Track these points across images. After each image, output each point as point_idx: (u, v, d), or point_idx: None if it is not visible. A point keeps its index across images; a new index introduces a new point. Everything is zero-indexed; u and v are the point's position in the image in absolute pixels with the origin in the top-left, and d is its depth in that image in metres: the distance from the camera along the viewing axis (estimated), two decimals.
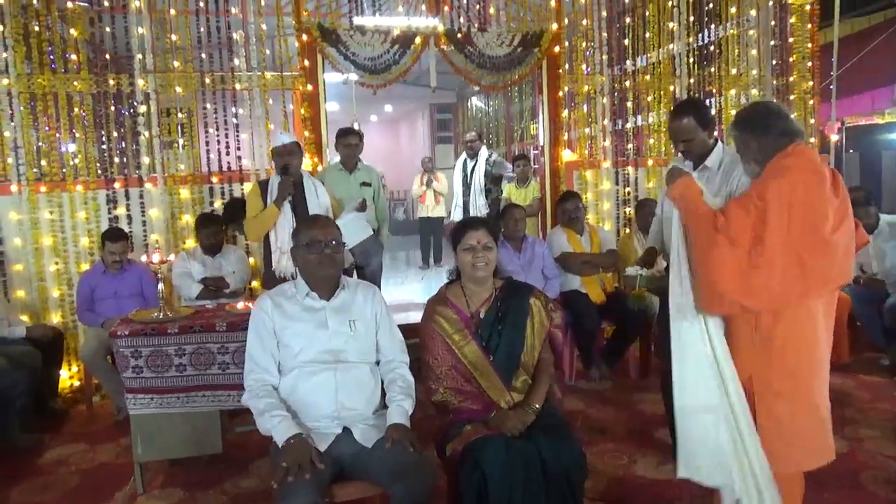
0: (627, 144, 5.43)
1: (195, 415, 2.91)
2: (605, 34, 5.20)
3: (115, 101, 4.49)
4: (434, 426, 2.47)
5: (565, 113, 5.22)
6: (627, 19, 5.32)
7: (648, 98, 5.40)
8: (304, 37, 4.58)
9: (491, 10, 5.00)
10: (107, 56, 4.55)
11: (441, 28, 4.80)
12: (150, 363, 2.85)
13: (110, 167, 4.50)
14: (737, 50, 5.58)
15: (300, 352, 2.24)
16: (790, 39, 5.58)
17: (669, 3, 5.29)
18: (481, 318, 2.43)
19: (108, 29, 4.56)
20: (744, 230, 1.95)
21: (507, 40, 4.91)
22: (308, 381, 2.22)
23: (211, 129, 4.64)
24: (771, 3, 5.50)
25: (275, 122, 4.73)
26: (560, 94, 5.15)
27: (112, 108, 4.48)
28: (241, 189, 4.60)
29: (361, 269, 4.38)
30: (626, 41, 5.30)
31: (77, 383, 4.36)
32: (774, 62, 5.58)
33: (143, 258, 3.42)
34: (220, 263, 4.20)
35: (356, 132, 4.65)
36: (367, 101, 10.50)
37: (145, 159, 4.48)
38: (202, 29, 4.52)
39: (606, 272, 4.49)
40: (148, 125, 4.45)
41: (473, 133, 6.72)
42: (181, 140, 4.77)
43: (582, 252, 4.40)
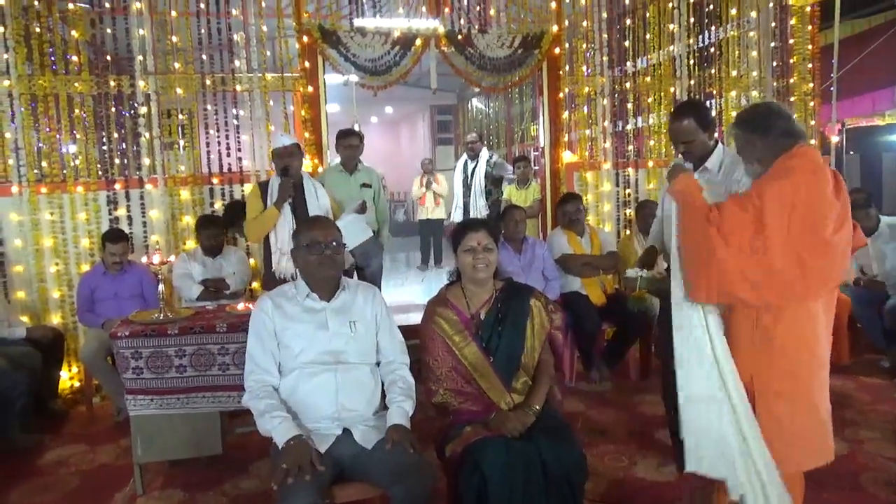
0: (628, 146, 5.44)
1: (195, 416, 2.91)
2: (605, 36, 5.20)
3: (116, 103, 4.50)
4: (434, 427, 2.47)
5: (566, 114, 5.22)
6: (628, 21, 5.32)
7: (649, 100, 5.40)
8: (305, 38, 4.58)
9: (491, 12, 5.00)
10: (108, 57, 4.56)
11: (441, 30, 4.80)
12: (151, 364, 2.85)
13: (111, 168, 4.51)
14: (737, 51, 5.59)
15: (300, 353, 2.23)
16: (790, 41, 5.59)
17: (670, 4, 5.30)
18: (481, 319, 2.43)
19: (108, 30, 4.59)
20: (738, 225, 1.96)
21: (508, 42, 4.91)
22: (308, 382, 2.22)
23: (211, 131, 4.65)
24: (771, 4, 5.51)
25: (275, 123, 4.74)
26: (560, 95, 5.15)
27: (113, 109, 4.48)
28: (242, 190, 4.60)
29: (362, 271, 4.38)
30: (626, 43, 5.31)
31: (77, 384, 4.37)
32: (775, 64, 5.58)
33: (143, 259, 3.42)
34: (220, 265, 4.21)
35: (356, 133, 4.65)
36: (368, 103, 10.50)
37: (146, 160, 4.49)
38: (203, 30, 4.53)
39: (607, 274, 4.49)
40: (148, 126, 4.46)
41: (474, 134, 6.72)
42: (182, 141, 4.78)
43: (582, 254, 4.40)
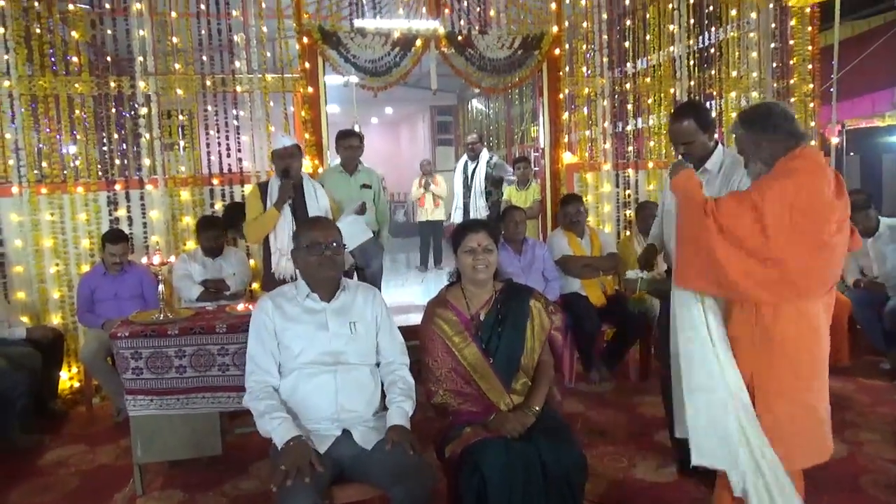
0: (628, 147, 5.44)
1: (195, 416, 2.91)
2: (605, 37, 5.20)
3: (116, 103, 4.50)
4: (434, 428, 2.47)
5: (566, 115, 5.22)
6: (628, 22, 5.33)
7: (649, 100, 5.40)
8: (305, 39, 4.58)
9: (491, 13, 5.00)
10: (108, 58, 4.57)
11: (441, 30, 4.80)
12: (150, 365, 2.85)
13: (111, 169, 4.51)
14: (737, 52, 5.59)
15: (300, 353, 2.23)
16: (790, 42, 5.59)
17: (670, 5, 5.30)
18: (481, 320, 2.43)
19: (109, 31, 4.59)
20: (736, 218, 1.98)
21: (508, 43, 4.91)
22: (308, 382, 2.21)
23: (212, 132, 4.65)
24: (771, 5, 5.51)
25: (275, 124, 4.74)
26: (560, 96, 5.15)
27: (113, 110, 4.49)
28: (242, 191, 4.60)
29: (362, 271, 4.38)
30: (626, 44, 5.31)
31: (77, 385, 4.37)
32: (775, 65, 5.59)
33: (143, 260, 3.42)
34: (220, 265, 4.21)
35: (357, 134, 4.65)
36: (368, 104, 10.50)
37: (146, 161, 4.49)
38: (203, 31, 4.53)
39: (607, 275, 4.49)
40: (149, 127, 4.46)
41: (475, 135, 6.72)
42: (182, 142, 4.79)
43: (582, 255, 4.40)
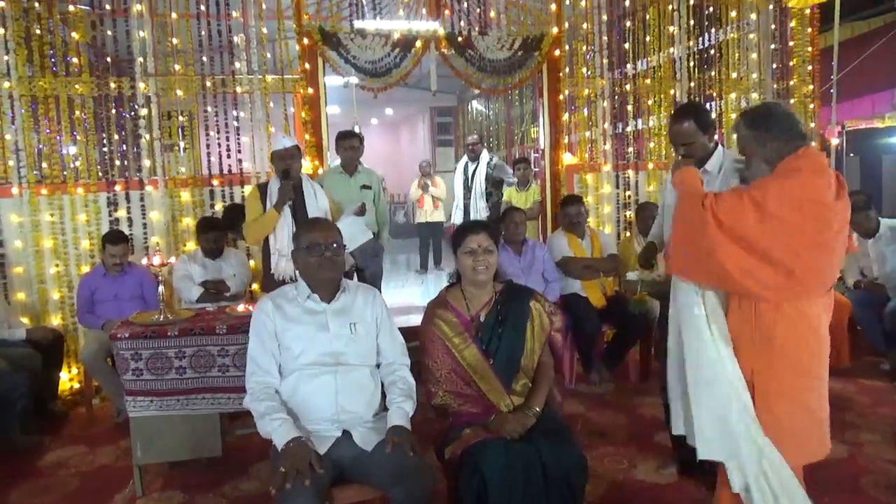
0: (628, 148, 5.44)
1: (195, 417, 2.91)
2: (605, 38, 5.21)
3: (116, 104, 4.50)
4: (434, 429, 2.47)
5: (566, 116, 5.22)
6: (628, 23, 5.33)
7: (649, 102, 5.40)
8: (305, 40, 4.59)
9: (491, 14, 5.01)
10: (108, 59, 4.57)
11: (441, 31, 4.80)
12: (150, 366, 2.85)
13: (111, 170, 4.51)
14: (737, 53, 5.59)
15: (301, 354, 2.23)
16: (790, 43, 5.60)
17: (670, 6, 5.30)
18: (481, 321, 2.43)
19: (109, 32, 4.58)
20: (735, 213, 1.98)
21: (508, 44, 4.91)
22: (308, 383, 2.21)
23: (212, 132, 4.65)
24: (771, 6, 5.51)
25: (275, 125, 4.74)
26: (560, 97, 5.15)
27: (113, 110, 4.49)
28: (242, 192, 4.60)
29: (362, 272, 4.38)
30: (626, 45, 5.31)
31: (77, 385, 4.36)
32: (775, 66, 5.59)
33: (143, 261, 3.42)
34: (220, 266, 4.20)
35: (357, 135, 4.65)
36: (368, 105, 10.50)
37: (146, 162, 4.49)
38: (203, 32, 4.53)
39: (607, 276, 4.49)
40: (149, 128, 4.46)
41: (475, 136, 6.73)
42: (182, 143, 4.80)
43: (583, 256, 4.39)
